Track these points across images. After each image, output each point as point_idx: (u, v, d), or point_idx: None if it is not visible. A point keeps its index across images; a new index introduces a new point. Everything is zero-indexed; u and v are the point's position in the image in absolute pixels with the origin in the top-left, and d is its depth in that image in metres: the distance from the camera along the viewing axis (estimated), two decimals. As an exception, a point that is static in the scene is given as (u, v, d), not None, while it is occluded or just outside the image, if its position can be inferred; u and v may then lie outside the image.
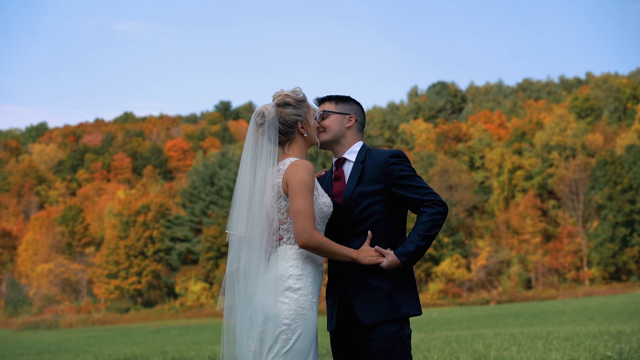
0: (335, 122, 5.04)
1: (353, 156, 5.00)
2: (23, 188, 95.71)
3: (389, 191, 4.83)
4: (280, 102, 4.80)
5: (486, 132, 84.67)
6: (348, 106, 5.10)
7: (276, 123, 4.74)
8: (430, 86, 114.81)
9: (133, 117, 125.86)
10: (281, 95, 4.84)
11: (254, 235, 4.68)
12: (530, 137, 79.21)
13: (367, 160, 4.93)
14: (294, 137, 4.80)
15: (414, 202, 4.82)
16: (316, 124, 4.96)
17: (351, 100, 5.15)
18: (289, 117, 4.76)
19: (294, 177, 4.57)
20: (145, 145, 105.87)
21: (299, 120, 4.78)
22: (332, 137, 5.03)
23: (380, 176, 4.84)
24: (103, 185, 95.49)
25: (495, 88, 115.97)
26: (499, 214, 73.83)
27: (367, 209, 4.82)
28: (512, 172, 75.44)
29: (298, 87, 4.91)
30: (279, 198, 4.66)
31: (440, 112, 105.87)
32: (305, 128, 4.81)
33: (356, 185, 4.86)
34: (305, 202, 4.53)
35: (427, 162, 77.80)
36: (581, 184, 71.15)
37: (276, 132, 4.74)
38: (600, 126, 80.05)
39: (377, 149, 4.99)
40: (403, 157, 4.90)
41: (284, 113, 4.76)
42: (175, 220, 79.79)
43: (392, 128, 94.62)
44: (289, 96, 4.82)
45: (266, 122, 4.74)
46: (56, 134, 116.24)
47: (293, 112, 4.78)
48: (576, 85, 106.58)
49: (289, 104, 4.79)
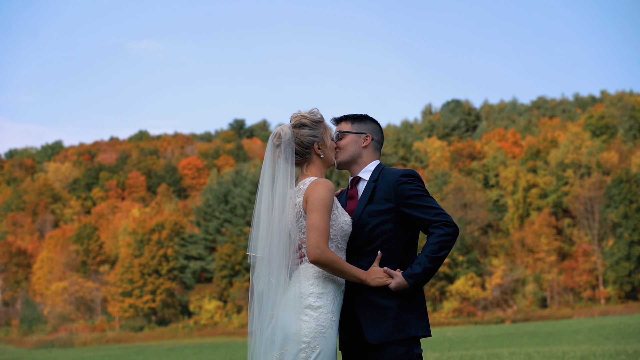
0: (351, 142, 5.04)
1: (367, 175, 4.99)
2: (38, 206, 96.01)
3: (399, 211, 4.81)
4: (297, 123, 4.82)
5: (500, 150, 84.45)
6: (364, 125, 5.10)
7: (292, 144, 4.75)
8: (444, 104, 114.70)
9: (148, 135, 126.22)
10: (298, 116, 4.86)
11: (273, 257, 4.69)
12: (545, 155, 78.97)
13: (380, 179, 4.91)
14: (311, 158, 4.81)
15: (424, 222, 4.78)
16: (333, 144, 4.96)
17: (368, 119, 5.14)
18: (305, 138, 4.77)
19: (313, 194, 4.58)
20: (160, 164, 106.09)
21: (315, 141, 4.79)
22: (348, 157, 5.03)
23: (391, 195, 4.82)
24: (118, 204, 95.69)
25: (510, 106, 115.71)
26: (514, 232, 73.51)
27: (376, 228, 4.80)
28: (526, 190, 75.15)
29: (315, 108, 4.92)
30: (300, 217, 4.67)
31: (455, 130, 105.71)
32: (322, 149, 4.82)
33: (367, 204, 4.85)
34: (321, 218, 4.52)
35: (442, 180, 77.62)
36: (596, 202, 70.81)
37: (293, 153, 4.75)
38: (615, 144, 79.72)
39: (391, 168, 4.98)
40: (414, 177, 4.87)
41: (300, 134, 4.77)
42: (190, 238, 79.82)
43: (407, 146, 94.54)
44: (306, 117, 4.83)
45: (283, 144, 4.75)
46: (71, 152, 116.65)
47: (309, 133, 4.78)
48: (591, 103, 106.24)
49: (305, 125, 4.80)
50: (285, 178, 4.73)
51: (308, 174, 4.80)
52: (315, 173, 4.80)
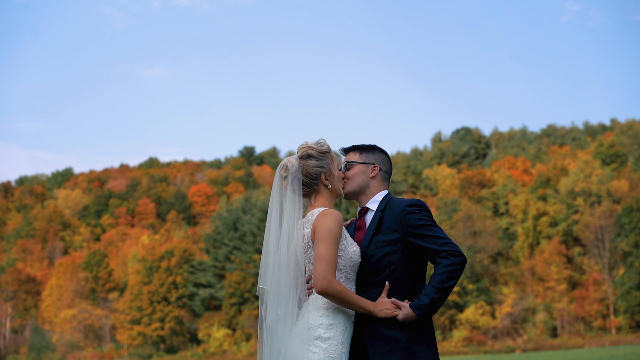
0: (359, 172, 5.03)
1: (375, 205, 4.98)
2: (48, 233, 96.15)
3: (406, 241, 4.79)
4: (303, 155, 4.81)
5: (510, 178, 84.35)
6: (372, 155, 5.09)
7: (299, 175, 4.75)
8: (454, 132, 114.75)
9: (158, 162, 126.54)
10: (304, 147, 4.85)
11: (282, 289, 4.67)
12: (555, 183, 78.83)
13: (387, 209, 4.90)
14: (318, 189, 4.81)
15: (431, 252, 4.76)
16: (341, 174, 4.96)
17: (376, 149, 5.13)
18: (312, 169, 4.77)
19: (321, 224, 4.57)
20: (170, 191, 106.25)
21: (322, 172, 4.79)
22: (355, 187, 5.02)
23: (398, 225, 4.80)
24: (127, 231, 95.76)
25: (519, 134, 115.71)
26: (524, 261, 73.24)
27: (384, 259, 4.78)
28: (536, 218, 74.95)
29: (322, 138, 4.92)
30: (308, 248, 4.66)
31: (464, 157, 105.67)
32: (329, 179, 4.81)
33: (374, 235, 4.84)
34: (329, 249, 4.51)
35: (451, 208, 77.50)
36: (607, 230, 70.54)
37: (300, 184, 4.75)
38: (626, 172, 79.55)
39: (399, 198, 4.96)
40: (421, 207, 4.85)
41: (306, 165, 4.77)
42: (199, 265, 79.74)
43: (416, 173, 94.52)
44: (312, 148, 4.83)
45: (290, 175, 4.75)
46: (81, 179, 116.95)
47: (316, 164, 4.78)
48: (601, 131, 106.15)
49: (311, 156, 4.80)
50: (293, 209, 4.73)
51: (316, 204, 4.79)
52: (323, 204, 4.79)
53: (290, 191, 4.75)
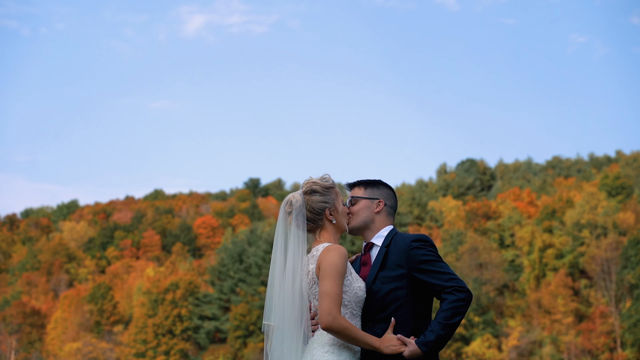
0: (364, 207, 5.03)
1: (380, 241, 4.98)
2: (53, 266, 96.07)
3: (412, 276, 4.78)
4: (308, 190, 4.82)
5: (516, 209, 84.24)
6: (377, 191, 5.09)
7: (304, 211, 4.76)
8: (459, 163, 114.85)
9: (163, 194, 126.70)
10: (309, 183, 4.86)
11: (286, 325, 4.66)
12: (561, 215, 78.71)
13: (392, 244, 4.90)
14: (323, 224, 4.81)
15: (436, 287, 4.75)
16: (346, 209, 4.96)
17: (381, 184, 5.13)
18: (316, 204, 4.77)
19: (325, 260, 4.56)
20: (175, 223, 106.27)
21: (326, 207, 4.79)
22: (360, 223, 5.02)
23: (403, 261, 4.80)
24: (132, 263, 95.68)
25: (525, 165, 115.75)
26: (530, 293, 72.95)
27: (389, 294, 4.76)
28: (542, 250, 74.77)
29: (327, 174, 4.93)
30: (313, 284, 4.65)
31: (470, 189, 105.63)
32: (333, 215, 4.81)
33: (379, 270, 4.83)
34: (334, 284, 4.50)
35: (457, 240, 77.36)
36: (613, 263, 70.28)
37: (304, 219, 4.75)
38: (632, 205, 79.41)
39: (404, 233, 4.96)
40: (426, 242, 4.85)
41: (311, 200, 4.78)
42: (204, 298, 79.55)
43: (421, 205, 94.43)
44: (317, 184, 4.83)
45: (294, 211, 4.75)
46: (87, 211, 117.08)
47: (320, 200, 4.78)
48: (606, 163, 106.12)
49: (316, 191, 4.80)
50: (298, 245, 4.73)
51: (321, 240, 4.79)
52: (328, 239, 4.79)
53: (294, 227, 4.75)
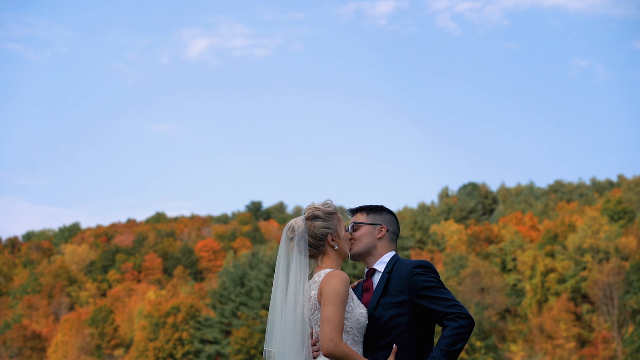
0: (366, 233, 5.03)
1: (382, 267, 4.98)
2: (54, 289, 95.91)
3: (414, 302, 4.77)
4: (310, 216, 4.83)
5: (518, 234, 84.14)
6: (379, 216, 5.09)
7: (306, 236, 4.76)
8: (461, 187, 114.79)
9: (165, 217, 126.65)
10: (311, 208, 4.87)
11: (287, 351, 4.65)
12: (563, 239, 78.61)
13: (394, 270, 4.90)
14: (325, 250, 4.81)
15: (438, 314, 4.74)
16: (348, 235, 4.96)
17: (383, 210, 5.13)
18: (319, 230, 4.78)
19: (327, 286, 4.56)
20: (176, 246, 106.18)
21: (328, 232, 4.79)
22: (362, 248, 5.02)
23: (405, 287, 4.79)
24: (133, 286, 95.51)
25: (527, 189, 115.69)
26: (532, 318, 72.73)
27: (391, 321, 4.75)
28: (544, 274, 74.61)
29: (329, 199, 4.94)
30: (315, 310, 4.65)
31: (471, 213, 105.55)
32: (335, 240, 4.81)
33: (381, 296, 4.82)
34: (335, 311, 4.49)
35: (459, 264, 77.22)
36: (615, 288, 70.11)
37: (306, 245, 4.75)
38: (634, 229, 79.31)
39: (406, 259, 4.96)
40: (428, 268, 4.84)
41: (313, 226, 4.78)
42: (205, 321, 79.33)
43: (423, 229, 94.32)
44: (319, 209, 4.84)
45: (296, 236, 4.76)
46: (88, 234, 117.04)
47: (322, 225, 4.79)
48: (608, 187, 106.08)
49: (318, 217, 4.81)
50: (299, 271, 4.73)
51: (323, 266, 4.79)
52: (330, 265, 4.79)
53: (296, 252, 4.76)
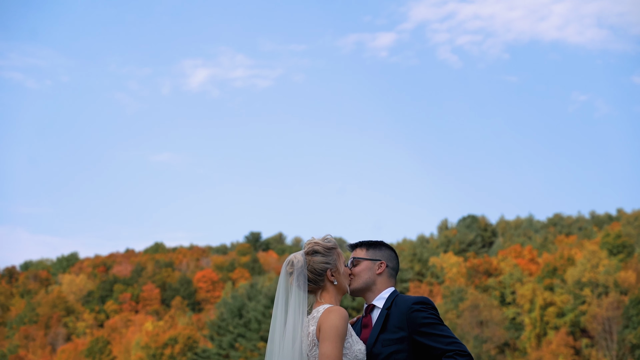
0: (366, 269, 5.03)
1: (381, 303, 4.96)
2: (51, 319, 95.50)
3: (413, 339, 4.75)
4: (309, 251, 4.82)
5: (517, 267, 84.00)
6: (379, 252, 5.09)
7: (305, 272, 4.75)
8: (460, 219, 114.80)
9: (163, 247, 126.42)
10: (311, 243, 4.87)
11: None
12: (562, 273, 78.48)
13: (393, 307, 4.89)
14: (324, 285, 4.80)
15: (437, 351, 4.71)
16: (347, 270, 4.96)
17: (383, 245, 5.13)
18: (318, 265, 4.77)
19: (326, 322, 4.55)
20: (175, 276, 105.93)
21: (328, 268, 4.79)
22: (362, 284, 5.01)
23: (404, 323, 4.77)
24: (131, 317, 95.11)
25: (526, 222, 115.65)
26: (531, 352, 72.38)
27: (390, 357, 4.73)
28: (543, 308, 74.38)
29: (329, 234, 4.93)
30: (313, 346, 4.63)
31: (471, 245, 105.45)
32: (335, 276, 4.81)
33: (380, 333, 4.81)
34: (334, 347, 4.48)
35: (458, 297, 77.01)
36: (614, 322, 69.86)
37: (305, 280, 4.74)
38: (633, 263, 79.19)
39: (405, 295, 4.95)
40: (427, 304, 4.83)
41: (312, 261, 4.77)
42: (203, 353, 78.92)
43: (422, 261, 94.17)
44: (318, 244, 4.84)
45: (295, 271, 4.75)
46: (86, 264, 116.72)
47: (322, 260, 4.78)
48: (607, 221, 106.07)
49: (317, 252, 4.80)
50: (298, 306, 4.71)
51: (322, 301, 4.78)
52: (329, 300, 4.78)
53: (295, 287, 4.75)
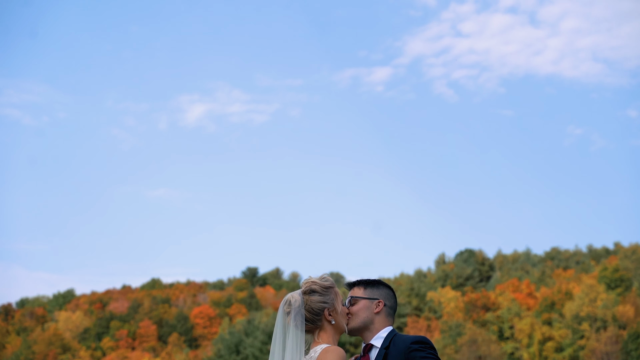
0: (364, 308, 5.01)
1: (379, 342, 4.94)
2: (47, 357, 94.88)
3: (411, 379, 4.74)
4: (307, 290, 4.81)
5: (515, 301, 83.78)
6: (377, 291, 5.08)
7: (302, 311, 4.74)
8: (457, 254, 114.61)
9: (160, 283, 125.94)
10: (308, 282, 4.86)
11: None
12: (560, 307, 78.26)
13: (391, 346, 4.87)
14: (322, 325, 4.79)
15: (434, 390, 4.71)
16: (345, 309, 4.94)
17: (381, 284, 5.12)
18: (315, 304, 4.76)
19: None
20: (172, 312, 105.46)
21: (325, 307, 4.77)
22: (360, 323, 4.99)
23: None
24: (128, 354, 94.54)
25: (523, 256, 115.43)
26: (531, 387, 72.10)
27: (387, 397, 4.73)
28: (542, 343, 74.12)
29: (326, 273, 4.92)
30: (311, 386, 4.60)
31: (468, 280, 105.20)
32: (332, 315, 4.79)
33: (378, 372, 4.79)
34: (332, 387, 4.46)
35: (456, 332, 76.70)
36: (613, 356, 69.55)
37: (303, 320, 4.73)
38: (631, 297, 79.01)
39: (403, 334, 4.93)
40: (426, 344, 4.82)
41: (310, 300, 4.76)
42: (199, 390, 78.53)
43: (420, 296, 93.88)
44: (316, 283, 4.83)
45: (293, 310, 4.74)
46: (83, 301, 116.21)
47: (319, 300, 4.77)
48: (604, 255, 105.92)
49: (315, 291, 4.80)
50: (296, 346, 4.70)
51: (319, 341, 4.76)
52: (327, 340, 4.76)
53: (293, 327, 4.73)
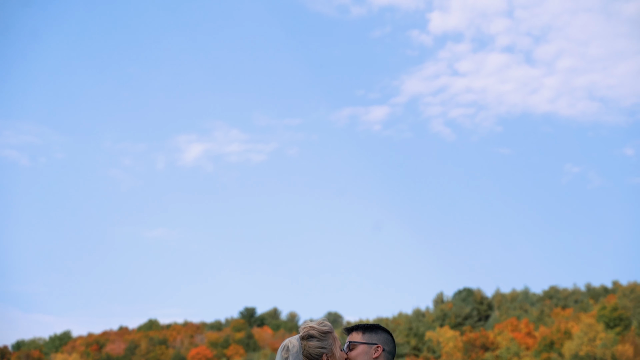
0: (362, 353, 5.00)
1: (378, 387, 4.93)
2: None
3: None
4: (305, 335, 4.80)
5: (514, 340, 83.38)
6: (375, 335, 5.07)
7: (300, 356, 4.73)
8: (456, 293, 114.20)
9: (157, 324, 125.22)
10: (306, 327, 4.85)
11: None
12: (559, 346, 77.88)
13: (390, 391, 4.86)
14: (320, 370, 4.77)
15: None
16: (343, 355, 4.93)
17: (379, 328, 5.11)
18: (313, 349, 4.75)
19: None
20: (169, 354, 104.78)
21: (323, 352, 4.76)
22: (358, 368, 4.98)
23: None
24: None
25: (522, 295, 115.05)
26: None
27: None
28: (542, 383, 73.73)
29: (324, 318, 4.91)
30: None
31: (467, 319, 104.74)
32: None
33: (377, 419, 4.78)
34: None
35: (455, 372, 76.32)
36: (614, 396, 69.19)
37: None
38: (630, 336, 78.66)
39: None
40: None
41: (308, 346, 4.75)
42: None
43: (419, 335, 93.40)
44: (314, 328, 4.82)
45: (291, 356, 4.73)
46: (79, 342, 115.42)
47: (317, 345, 4.76)
48: (603, 293, 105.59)
49: (313, 336, 4.79)
50: (295, 390, 4.68)
51: (317, 386, 4.75)
52: (326, 384, 4.75)
53: (291, 372, 4.72)
